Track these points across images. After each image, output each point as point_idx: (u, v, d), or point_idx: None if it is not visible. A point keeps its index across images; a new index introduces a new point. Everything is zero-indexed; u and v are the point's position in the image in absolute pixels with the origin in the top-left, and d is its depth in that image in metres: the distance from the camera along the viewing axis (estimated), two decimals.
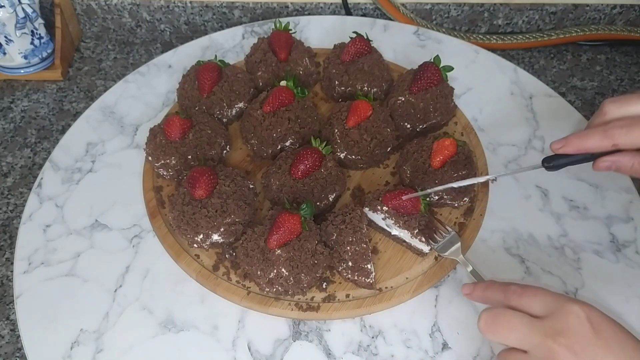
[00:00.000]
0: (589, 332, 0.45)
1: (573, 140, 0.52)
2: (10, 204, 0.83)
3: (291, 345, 0.60)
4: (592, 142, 0.51)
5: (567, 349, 0.45)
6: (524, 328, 0.47)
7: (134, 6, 1.02)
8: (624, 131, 0.49)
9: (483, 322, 0.49)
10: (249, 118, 0.73)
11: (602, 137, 0.50)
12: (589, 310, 0.47)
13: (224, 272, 0.64)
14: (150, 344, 0.60)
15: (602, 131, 0.50)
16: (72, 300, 0.63)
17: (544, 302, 0.48)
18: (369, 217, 0.66)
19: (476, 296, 0.55)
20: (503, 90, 0.86)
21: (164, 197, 0.71)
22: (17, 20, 0.90)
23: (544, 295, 0.49)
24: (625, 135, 0.49)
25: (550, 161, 0.54)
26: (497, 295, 0.52)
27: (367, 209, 0.65)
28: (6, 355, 0.69)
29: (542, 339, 0.46)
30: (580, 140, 0.51)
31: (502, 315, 0.49)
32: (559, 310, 0.47)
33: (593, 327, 0.45)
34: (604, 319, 0.47)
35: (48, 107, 0.95)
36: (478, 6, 1.02)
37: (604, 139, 0.50)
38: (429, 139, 0.69)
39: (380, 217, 0.64)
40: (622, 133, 0.49)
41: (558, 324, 0.46)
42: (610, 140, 0.50)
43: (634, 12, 1.02)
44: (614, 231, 0.70)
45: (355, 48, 0.78)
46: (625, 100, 0.51)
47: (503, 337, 0.48)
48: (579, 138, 0.51)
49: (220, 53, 0.92)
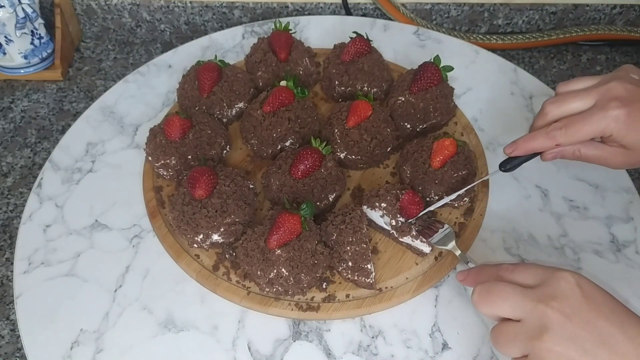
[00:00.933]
0: (579, 297, 0.46)
1: (521, 144, 0.59)
2: (10, 204, 0.83)
3: (291, 345, 0.60)
4: (538, 144, 0.58)
5: (559, 312, 0.46)
6: (516, 296, 0.48)
7: (134, 6, 1.03)
8: (562, 132, 0.57)
9: (477, 295, 0.50)
10: (249, 118, 0.73)
11: (545, 138, 0.58)
12: (578, 277, 0.48)
13: (224, 272, 0.64)
14: (150, 344, 0.60)
15: (545, 133, 0.58)
16: (72, 300, 0.63)
17: (535, 273, 0.50)
18: (368, 217, 0.66)
19: (471, 280, 0.55)
20: (503, 90, 0.86)
21: (164, 197, 0.71)
22: (17, 20, 0.91)
23: (535, 268, 0.50)
24: (564, 135, 0.57)
25: (505, 165, 0.61)
26: (490, 275, 0.53)
27: (365, 206, 0.66)
28: (6, 355, 0.69)
29: (535, 304, 0.47)
30: (527, 143, 0.59)
31: (495, 286, 0.50)
32: (549, 277, 0.48)
33: (583, 292, 0.47)
34: (594, 286, 0.48)
35: (48, 107, 0.95)
36: (478, 6, 1.02)
37: (547, 140, 0.57)
38: (429, 139, 0.69)
39: (379, 214, 0.64)
40: (562, 133, 0.57)
41: (550, 290, 0.47)
42: (553, 140, 0.57)
43: (634, 12, 1.02)
44: (614, 231, 0.70)
45: (355, 48, 0.78)
46: (562, 99, 0.58)
47: (497, 306, 0.49)
48: (525, 142, 0.59)
49: (220, 53, 0.92)
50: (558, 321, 0.45)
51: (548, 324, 0.45)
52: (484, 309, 0.50)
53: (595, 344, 0.44)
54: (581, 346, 0.44)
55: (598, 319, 0.45)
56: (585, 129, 0.56)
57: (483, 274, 0.53)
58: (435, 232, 0.64)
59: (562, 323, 0.45)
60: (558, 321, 0.45)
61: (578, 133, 0.56)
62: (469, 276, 0.55)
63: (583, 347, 0.44)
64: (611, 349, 0.44)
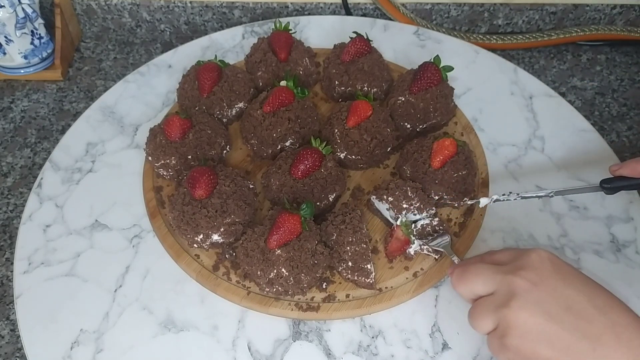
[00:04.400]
0: (549, 267, 0.47)
1: (630, 164, 0.57)
2: (10, 204, 0.83)
3: (291, 345, 0.60)
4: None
5: (526, 280, 0.47)
6: (488, 271, 0.49)
7: (134, 6, 1.02)
8: None
9: (454, 276, 0.52)
10: (249, 118, 0.73)
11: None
12: (551, 254, 0.49)
13: (224, 272, 0.64)
14: (150, 344, 0.60)
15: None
16: (72, 300, 0.63)
17: (511, 253, 0.51)
18: (375, 206, 0.67)
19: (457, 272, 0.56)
20: (503, 90, 0.86)
21: (164, 197, 0.71)
22: (17, 20, 0.90)
23: (512, 249, 0.52)
24: None
25: (608, 182, 0.59)
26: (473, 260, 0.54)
27: (373, 197, 0.66)
28: (6, 355, 0.69)
29: (504, 275, 0.48)
30: (637, 163, 0.57)
31: (470, 264, 0.51)
32: (522, 254, 0.49)
33: (553, 265, 0.48)
34: (565, 263, 0.49)
35: (48, 107, 0.95)
36: (478, 6, 1.02)
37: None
38: (429, 139, 0.69)
39: (385, 207, 0.64)
40: None
41: (520, 262, 0.48)
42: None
43: (634, 12, 1.02)
44: (614, 231, 0.70)
45: (355, 48, 0.78)
46: None
47: (470, 283, 0.50)
48: (636, 162, 0.57)
49: (220, 53, 0.92)
50: (524, 287, 0.46)
51: (515, 291, 0.46)
52: (460, 289, 0.51)
53: (561, 309, 0.45)
54: (547, 311, 0.45)
55: (565, 288, 0.46)
56: None
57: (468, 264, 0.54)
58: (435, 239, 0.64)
59: (529, 289, 0.46)
60: (524, 287, 0.46)
61: None
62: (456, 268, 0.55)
63: (549, 312, 0.45)
64: (577, 314, 0.45)
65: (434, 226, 0.64)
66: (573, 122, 0.82)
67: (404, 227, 0.63)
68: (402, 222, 0.63)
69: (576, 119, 0.82)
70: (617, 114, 0.93)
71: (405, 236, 0.63)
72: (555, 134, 0.80)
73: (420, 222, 0.64)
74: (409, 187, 0.65)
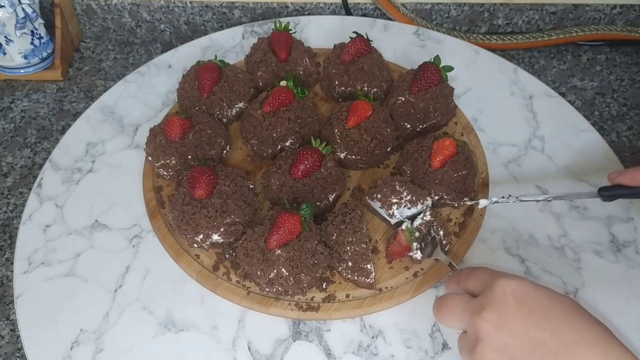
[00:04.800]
0: (511, 305, 0.46)
1: (629, 173, 0.56)
2: (10, 204, 0.83)
3: (291, 345, 0.60)
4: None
5: (490, 323, 0.46)
6: (458, 309, 0.49)
7: (134, 6, 1.02)
8: None
9: (434, 308, 0.52)
10: (249, 118, 0.73)
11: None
12: (515, 283, 0.47)
13: (224, 272, 0.64)
14: (150, 344, 0.60)
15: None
16: (72, 300, 0.63)
17: (480, 280, 0.50)
18: (372, 207, 0.67)
19: (447, 288, 0.56)
20: (503, 90, 0.86)
21: (164, 197, 0.71)
22: (17, 20, 0.90)
23: (482, 274, 0.50)
24: None
25: (606, 190, 0.58)
26: (454, 281, 0.54)
27: (367, 197, 0.67)
28: (6, 355, 0.69)
29: (471, 316, 0.47)
30: (636, 172, 0.56)
31: (445, 299, 0.51)
32: (488, 286, 0.48)
33: (517, 300, 0.46)
34: (531, 291, 0.47)
35: (48, 107, 0.95)
36: (478, 6, 1.02)
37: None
38: (429, 139, 0.69)
39: (378, 205, 0.65)
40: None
41: (484, 300, 0.47)
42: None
43: (634, 12, 1.02)
44: (614, 231, 0.70)
45: (355, 48, 0.78)
46: None
47: (446, 320, 0.50)
48: (635, 171, 0.56)
49: (220, 53, 0.92)
50: (488, 332, 0.46)
51: (480, 336, 0.46)
52: (441, 322, 0.52)
53: (525, 352, 0.45)
54: (512, 355, 0.45)
55: (528, 328, 0.45)
56: None
57: (451, 281, 0.54)
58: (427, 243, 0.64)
59: (492, 334, 0.46)
60: (488, 332, 0.46)
61: None
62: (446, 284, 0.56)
63: (514, 355, 0.45)
64: (542, 356, 0.44)
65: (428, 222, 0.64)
66: (573, 122, 0.82)
67: (408, 232, 0.63)
68: (407, 227, 0.63)
69: (576, 119, 0.82)
70: (617, 114, 0.93)
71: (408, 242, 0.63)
72: (555, 134, 0.80)
73: (418, 220, 0.64)
74: (397, 182, 0.65)
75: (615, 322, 0.61)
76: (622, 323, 0.61)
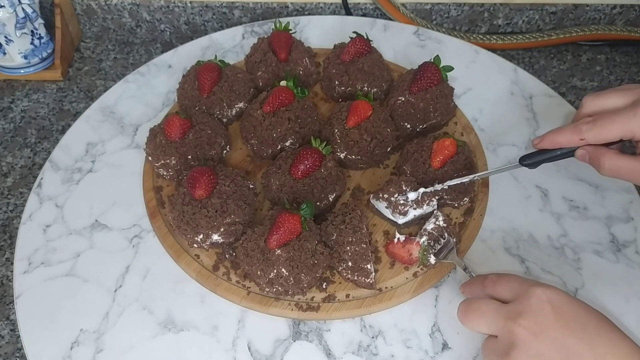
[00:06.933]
0: (549, 314, 0.46)
1: (547, 136, 0.56)
2: (10, 204, 0.83)
3: (291, 345, 0.60)
4: (564, 138, 0.54)
5: (527, 330, 0.46)
6: (490, 313, 0.49)
7: (134, 6, 1.02)
8: (589, 126, 0.52)
9: (459, 311, 0.52)
10: (249, 118, 0.73)
11: (572, 132, 0.54)
12: (551, 292, 0.48)
13: (224, 272, 0.64)
14: (150, 344, 0.60)
15: (572, 127, 0.54)
16: (72, 300, 0.63)
17: (512, 287, 0.50)
18: (376, 208, 0.67)
19: (467, 292, 0.57)
20: (503, 90, 0.86)
21: (164, 197, 0.71)
22: (17, 20, 0.90)
23: (514, 281, 0.50)
24: (590, 130, 0.52)
25: (526, 159, 0.58)
26: (478, 286, 0.54)
27: (372, 197, 0.66)
28: (6, 355, 0.69)
29: (505, 322, 0.47)
30: (555, 135, 0.55)
31: (474, 303, 0.51)
32: (523, 293, 0.48)
33: (554, 309, 0.47)
34: (567, 301, 0.47)
35: (48, 107, 0.95)
36: (478, 6, 1.02)
37: (573, 134, 0.54)
38: (429, 139, 0.69)
39: (384, 205, 0.65)
40: (588, 128, 0.52)
41: (520, 307, 0.48)
42: (578, 134, 0.53)
43: (634, 12, 1.02)
44: (614, 231, 0.70)
45: (355, 48, 0.78)
46: (602, 94, 0.54)
47: (475, 324, 0.50)
48: (553, 134, 0.55)
49: (220, 53, 0.92)
50: (524, 339, 0.46)
51: (515, 342, 0.46)
52: (466, 326, 0.52)
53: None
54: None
55: (565, 337, 0.45)
56: (613, 127, 0.51)
57: (473, 286, 0.55)
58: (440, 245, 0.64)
59: (528, 341, 0.46)
60: (524, 339, 0.46)
61: (604, 129, 0.52)
62: (465, 287, 0.57)
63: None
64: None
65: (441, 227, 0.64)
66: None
67: (423, 251, 0.63)
68: (424, 246, 0.63)
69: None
70: None
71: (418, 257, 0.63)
72: None
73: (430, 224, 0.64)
74: (403, 181, 0.65)
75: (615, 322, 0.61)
76: (622, 323, 0.61)
